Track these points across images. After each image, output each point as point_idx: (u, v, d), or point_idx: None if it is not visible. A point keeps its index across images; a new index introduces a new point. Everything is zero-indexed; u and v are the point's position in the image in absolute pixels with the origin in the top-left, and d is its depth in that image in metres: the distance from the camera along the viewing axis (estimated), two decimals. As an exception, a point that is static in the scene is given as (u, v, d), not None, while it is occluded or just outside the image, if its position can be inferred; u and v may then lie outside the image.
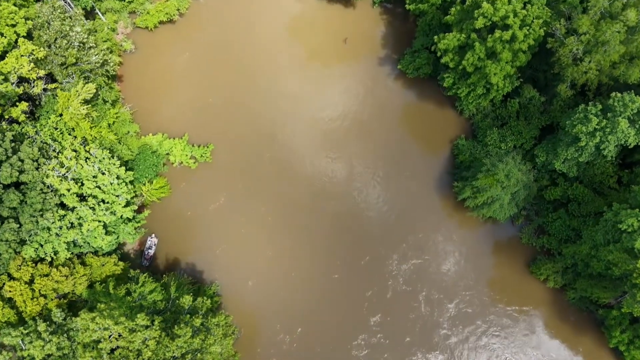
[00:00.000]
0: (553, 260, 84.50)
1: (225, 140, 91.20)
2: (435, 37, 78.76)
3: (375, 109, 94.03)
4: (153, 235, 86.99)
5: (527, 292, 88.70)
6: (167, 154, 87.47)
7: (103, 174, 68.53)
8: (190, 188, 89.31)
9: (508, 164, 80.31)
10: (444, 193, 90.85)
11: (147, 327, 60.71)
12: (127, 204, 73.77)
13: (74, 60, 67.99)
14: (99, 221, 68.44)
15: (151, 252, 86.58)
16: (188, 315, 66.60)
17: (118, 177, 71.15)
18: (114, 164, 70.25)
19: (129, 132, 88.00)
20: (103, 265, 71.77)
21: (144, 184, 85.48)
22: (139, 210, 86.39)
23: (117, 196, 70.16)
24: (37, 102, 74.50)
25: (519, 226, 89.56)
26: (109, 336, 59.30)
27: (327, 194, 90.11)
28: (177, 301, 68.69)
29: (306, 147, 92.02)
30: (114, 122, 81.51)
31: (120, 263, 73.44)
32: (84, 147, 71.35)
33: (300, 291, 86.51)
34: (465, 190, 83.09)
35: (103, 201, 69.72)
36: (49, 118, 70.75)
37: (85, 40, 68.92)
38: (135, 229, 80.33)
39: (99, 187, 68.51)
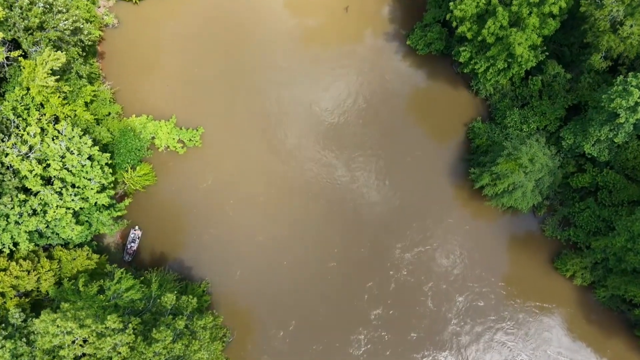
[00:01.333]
0: (581, 255, 74.67)
1: (217, 124, 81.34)
2: (451, 3, 69.02)
3: (381, 88, 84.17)
4: (136, 227, 77.21)
5: (549, 289, 78.85)
6: (152, 137, 77.72)
7: (72, 153, 58.71)
8: (178, 176, 79.51)
9: (532, 147, 70.54)
10: (458, 181, 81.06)
11: (119, 330, 50.86)
12: (103, 189, 63.98)
13: (38, 23, 58.26)
14: (68, 208, 58.58)
15: (134, 245, 76.81)
16: (170, 317, 56.85)
17: (91, 159, 61.34)
18: (86, 143, 60.40)
19: (109, 113, 78.17)
20: (74, 259, 61.97)
21: (126, 171, 75.81)
22: (120, 200, 76.81)
23: (89, 180, 60.32)
24: (2, 76, 64.82)
25: (542, 217, 79.70)
26: (73, 341, 49.53)
27: (326, 178, 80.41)
28: (159, 300, 58.92)
29: (304, 130, 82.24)
30: (91, 100, 71.73)
31: (94, 256, 63.54)
32: (54, 125, 61.65)
33: (293, 281, 77.03)
34: (483, 177, 73.35)
35: (73, 185, 59.88)
36: (14, 92, 61.05)
37: (52, 2, 59.24)
38: (113, 219, 70.59)
39: (68, 169, 58.67)
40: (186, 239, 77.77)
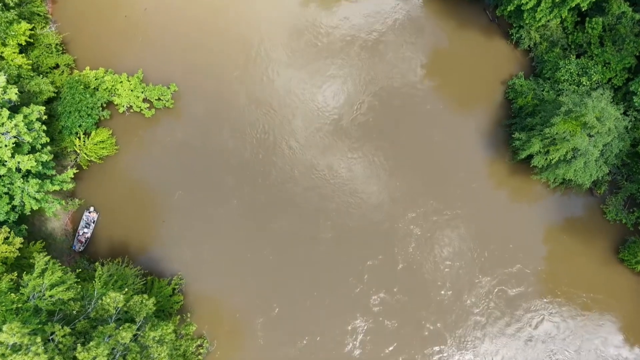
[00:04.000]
0: (656, 244, 57.16)
1: (194, 80, 63.60)
2: None
3: (398, 41, 66.50)
4: (91, 208, 59.54)
5: (609, 283, 60.99)
6: (111, 94, 60.11)
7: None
8: (144, 144, 61.63)
9: (600, 101, 52.94)
10: (494, 151, 63.09)
11: (20, 348, 33.18)
12: (32, 151, 46.38)
13: None
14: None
15: (88, 232, 59.06)
16: (113, 326, 39.20)
17: (15, 110, 43.72)
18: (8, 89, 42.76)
19: (57, 65, 60.56)
20: (-13, 245, 44.49)
21: (77, 136, 58.21)
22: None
23: (4, 134, 42.70)
24: None
25: (602, 196, 61.91)
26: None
27: (324, 138, 62.86)
28: (100, 302, 41.29)
29: (301, 83, 64.40)
30: (26, 42, 54.24)
31: (17, 240, 45.79)
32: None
33: (277, 256, 59.59)
34: (532, 143, 55.55)
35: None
36: None
37: None
38: (56, 197, 53.09)
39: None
40: (155, 224, 60.08)
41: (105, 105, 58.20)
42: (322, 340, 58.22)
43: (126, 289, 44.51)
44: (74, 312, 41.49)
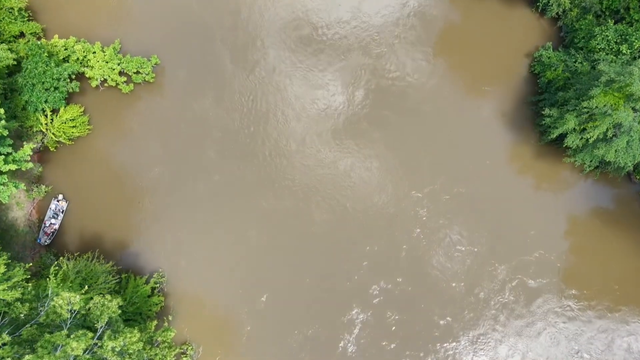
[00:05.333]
0: None
1: (178, 51, 55.56)
2: None
3: (410, 12, 58.70)
4: (60, 196, 51.63)
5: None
6: (82, 65, 52.25)
7: None
8: (121, 124, 53.55)
9: (648, 69, 45.11)
10: (519, 132, 55.01)
11: None
12: (-24, 126, 38.65)
13: None
14: None
15: (56, 223, 51.11)
16: (64, 333, 31.38)
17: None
18: None
19: (22, 33, 52.77)
20: None
21: (44, 114, 50.40)
22: (39, 160, 51.52)
23: None
24: None
25: (643, 183, 54.49)
26: None
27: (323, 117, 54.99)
28: (52, 303, 33.49)
29: (293, 52, 56.60)
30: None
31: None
32: None
33: (267, 239, 51.97)
34: (566, 120, 47.63)
35: None
36: None
37: None
38: (15, 180, 45.24)
39: None
40: (132, 214, 52.16)
41: (74, 76, 50.26)
42: (313, 335, 50.57)
43: (86, 288, 36.50)
44: (22, 315, 33.67)
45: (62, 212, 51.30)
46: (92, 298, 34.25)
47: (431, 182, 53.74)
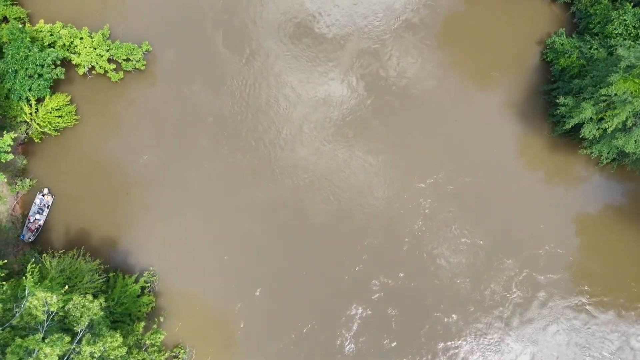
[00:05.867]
0: None
1: (170, 38, 52.57)
2: None
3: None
4: (45, 191, 48.63)
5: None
6: (69, 51, 49.17)
7: None
8: (110, 114, 50.60)
9: (671, 53, 42.08)
10: (527, 123, 52.02)
11: None
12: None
13: None
14: None
15: (40, 219, 48.08)
16: (37, 336, 28.36)
17: None
18: None
19: (6, 18, 49.78)
20: None
21: (27, 102, 47.35)
22: (23, 152, 48.55)
23: None
24: None
25: (662, 177, 51.43)
26: None
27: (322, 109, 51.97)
28: (27, 304, 30.48)
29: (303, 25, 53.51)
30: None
31: None
32: None
33: (261, 231, 48.98)
34: (582, 109, 44.50)
35: None
36: None
37: None
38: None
39: None
40: (122, 209, 49.08)
41: (59, 62, 47.23)
42: (309, 332, 47.63)
43: (66, 287, 33.46)
44: (-5, 318, 30.65)
45: (48, 207, 48.28)
46: (71, 298, 31.26)
47: (435, 171, 50.70)
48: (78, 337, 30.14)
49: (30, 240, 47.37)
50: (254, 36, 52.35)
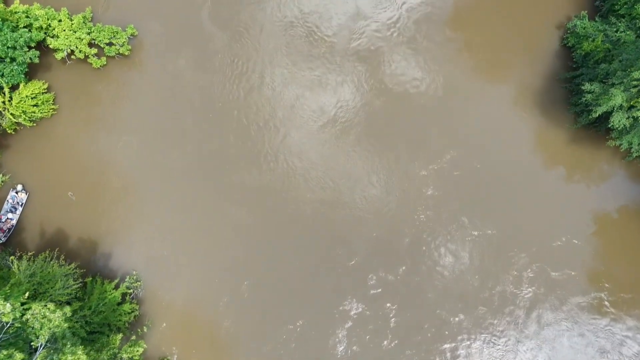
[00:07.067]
0: None
1: (158, 22, 48.18)
2: None
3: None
4: (19, 187, 43.88)
5: None
6: (46, 34, 44.70)
7: None
8: (91, 103, 45.98)
9: None
10: (546, 114, 47.61)
11: None
12: None
13: None
14: None
15: (13, 218, 43.37)
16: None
17: None
18: None
19: (-23, -2, 45.58)
20: None
21: (0, 90, 42.79)
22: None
23: None
24: None
25: (696, 171, 46.75)
26: None
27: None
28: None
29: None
30: None
31: None
32: None
33: (251, 220, 44.23)
34: (611, 95, 40.00)
35: None
36: None
37: None
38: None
39: None
40: (102, 207, 44.33)
41: (33, 44, 42.67)
42: (301, 331, 42.84)
43: (27, 294, 28.72)
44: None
45: (21, 205, 43.55)
46: (30, 307, 26.60)
47: (440, 156, 46.00)
48: (38, 353, 25.42)
49: (1, 241, 42.60)
50: (247, 13, 47.79)
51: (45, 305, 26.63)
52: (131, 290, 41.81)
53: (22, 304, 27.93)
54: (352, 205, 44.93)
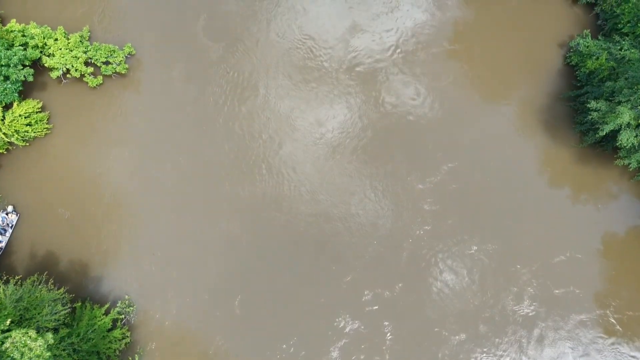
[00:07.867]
0: None
1: (157, 41, 47.43)
2: None
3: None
4: (9, 208, 42.27)
5: None
6: (42, 53, 43.89)
7: None
8: (85, 123, 44.80)
9: None
10: (549, 133, 46.52)
11: None
12: None
13: None
14: None
15: (2, 240, 41.60)
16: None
17: None
18: None
19: (-27, 17, 45.06)
20: None
21: (-7, 109, 41.79)
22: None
23: None
24: None
25: None
26: None
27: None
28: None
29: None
30: None
31: None
32: None
33: (247, 236, 42.17)
34: (619, 113, 38.89)
35: None
36: None
37: None
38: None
39: None
40: (95, 229, 42.58)
41: (27, 63, 41.81)
42: (296, 349, 40.32)
43: (8, 321, 26.96)
44: None
45: (11, 227, 41.94)
46: (10, 335, 24.83)
47: (437, 170, 44.50)
48: (17, 386, 23.56)
49: (-11, 264, 41.00)
50: (239, 29, 47.19)
51: (27, 333, 24.92)
52: (122, 316, 39.86)
53: (4, 331, 26.16)
54: (347, 219, 43.24)
